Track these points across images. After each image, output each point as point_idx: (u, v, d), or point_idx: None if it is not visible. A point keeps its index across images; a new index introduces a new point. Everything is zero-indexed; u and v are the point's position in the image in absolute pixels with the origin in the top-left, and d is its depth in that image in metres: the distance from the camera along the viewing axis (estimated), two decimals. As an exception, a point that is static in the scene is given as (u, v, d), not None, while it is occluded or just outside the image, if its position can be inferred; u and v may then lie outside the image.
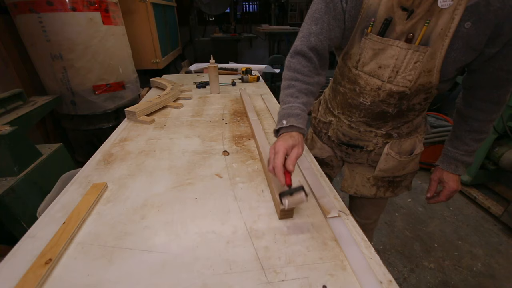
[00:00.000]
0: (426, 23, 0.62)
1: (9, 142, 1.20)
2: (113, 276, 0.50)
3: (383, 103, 0.77)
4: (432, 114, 2.59)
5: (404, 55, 0.67)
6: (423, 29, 0.63)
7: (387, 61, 0.70)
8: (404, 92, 0.72)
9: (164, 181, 0.78)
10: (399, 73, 0.70)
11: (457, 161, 0.82)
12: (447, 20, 0.60)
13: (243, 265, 0.52)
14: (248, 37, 4.12)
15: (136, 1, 2.42)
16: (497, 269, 1.59)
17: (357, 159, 0.95)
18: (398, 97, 0.74)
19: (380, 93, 0.75)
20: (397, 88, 0.72)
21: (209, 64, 1.51)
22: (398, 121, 0.83)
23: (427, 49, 0.64)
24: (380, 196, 0.96)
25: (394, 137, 0.86)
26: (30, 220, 1.21)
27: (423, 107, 0.80)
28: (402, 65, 0.68)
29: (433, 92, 0.74)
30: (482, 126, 0.77)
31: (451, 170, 0.83)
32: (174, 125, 1.16)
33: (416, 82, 0.69)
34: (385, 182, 0.94)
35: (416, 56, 0.66)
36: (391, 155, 0.86)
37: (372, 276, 0.49)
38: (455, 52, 0.63)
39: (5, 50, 1.78)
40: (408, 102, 0.76)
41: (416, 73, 0.68)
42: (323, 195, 0.70)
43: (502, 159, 2.00)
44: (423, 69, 0.67)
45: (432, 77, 0.68)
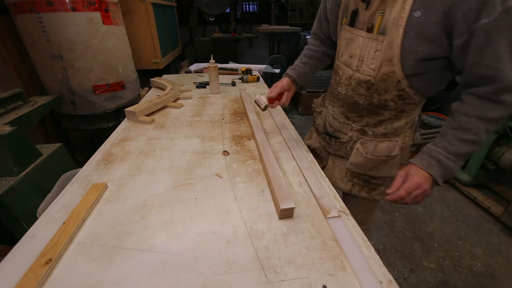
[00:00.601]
0: (380, 13, 0.66)
1: (9, 142, 1.20)
2: (113, 276, 0.50)
3: (354, 93, 0.82)
4: (432, 114, 2.59)
5: (367, 44, 0.72)
6: (378, 19, 0.67)
7: (355, 50, 0.76)
8: (370, 81, 0.75)
9: (164, 181, 0.78)
10: (364, 61, 0.74)
11: (431, 157, 0.69)
12: (399, 10, 0.63)
13: (243, 265, 0.52)
14: (248, 37, 4.12)
15: (136, 1, 2.42)
16: (497, 269, 1.59)
17: (336, 150, 0.98)
18: (366, 87, 0.77)
19: (352, 81, 0.81)
20: (364, 77, 0.76)
21: (209, 64, 1.51)
22: (373, 118, 0.83)
23: (384, 38, 0.67)
24: (355, 194, 0.96)
25: (369, 135, 0.87)
26: (30, 220, 1.21)
27: (400, 107, 0.78)
28: (365, 54, 0.73)
29: (408, 91, 0.73)
30: (471, 123, 0.65)
31: (421, 165, 0.70)
32: (174, 125, 1.16)
33: (380, 71, 0.72)
34: (360, 180, 0.94)
35: (375, 45, 0.70)
36: (359, 150, 0.87)
37: (372, 276, 0.49)
38: (410, 41, 0.64)
39: (5, 50, 1.78)
40: (379, 96, 0.77)
41: (378, 62, 0.71)
42: (323, 195, 0.70)
43: (502, 159, 2.00)
44: (384, 58, 0.70)
45: (394, 67, 0.69)
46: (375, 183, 0.92)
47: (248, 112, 1.20)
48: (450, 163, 0.67)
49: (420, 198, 0.70)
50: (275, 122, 1.18)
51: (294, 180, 0.78)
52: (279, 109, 1.34)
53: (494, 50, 0.57)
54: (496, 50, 0.57)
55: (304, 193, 0.73)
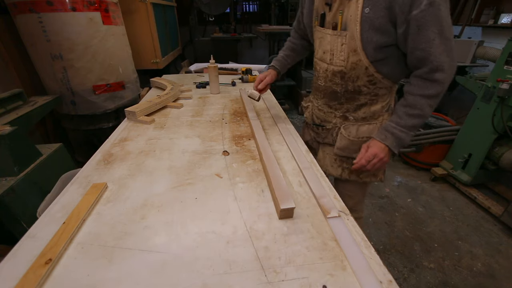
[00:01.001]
0: (340, 13, 0.81)
1: (9, 142, 1.20)
2: (113, 276, 0.50)
3: (332, 83, 0.94)
4: (432, 114, 2.59)
5: (334, 40, 0.85)
6: (339, 18, 0.81)
7: (326, 46, 0.89)
8: (342, 71, 0.88)
9: (164, 181, 0.78)
10: (335, 55, 0.87)
11: (387, 131, 0.85)
12: (354, 9, 0.76)
13: (243, 265, 0.52)
14: (248, 37, 4.11)
15: (136, 1, 2.42)
16: (497, 269, 1.59)
17: (324, 139, 1.08)
18: (340, 76, 0.90)
19: (328, 74, 0.93)
20: (337, 68, 0.89)
21: (209, 64, 1.51)
22: (352, 103, 0.95)
23: (346, 33, 0.81)
24: (345, 178, 1.05)
25: (350, 120, 0.98)
26: (30, 220, 1.21)
27: (372, 91, 0.90)
28: (334, 48, 0.86)
29: (376, 76, 0.85)
30: (415, 101, 0.79)
31: (379, 138, 0.86)
32: (174, 125, 1.16)
33: (348, 60, 0.85)
34: (349, 164, 1.02)
35: (341, 40, 0.83)
36: (343, 134, 0.98)
37: (372, 276, 0.49)
38: (366, 33, 0.77)
39: (5, 50, 1.78)
40: (353, 83, 0.89)
41: (346, 53, 0.84)
42: (323, 195, 0.70)
43: (502, 159, 2.00)
44: (350, 50, 0.83)
45: (359, 56, 0.82)
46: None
47: (248, 112, 1.20)
48: (402, 135, 0.83)
49: (378, 165, 0.86)
50: (275, 122, 1.18)
51: (294, 180, 0.78)
52: (279, 109, 1.34)
53: (425, 36, 0.70)
54: (426, 36, 0.70)
55: (304, 193, 0.73)
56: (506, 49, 1.87)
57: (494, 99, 1.93)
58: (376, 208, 2.10)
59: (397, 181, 2.45)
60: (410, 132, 0.83)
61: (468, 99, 2.83)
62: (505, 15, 2.55)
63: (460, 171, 2.27)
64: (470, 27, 2.91)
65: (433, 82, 0.75)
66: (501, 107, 1.87)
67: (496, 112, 1.92)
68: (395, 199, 2.20)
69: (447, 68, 0.73)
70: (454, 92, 2.95)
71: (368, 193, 2.28)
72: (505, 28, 2.56)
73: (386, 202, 2.17)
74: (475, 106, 2.12)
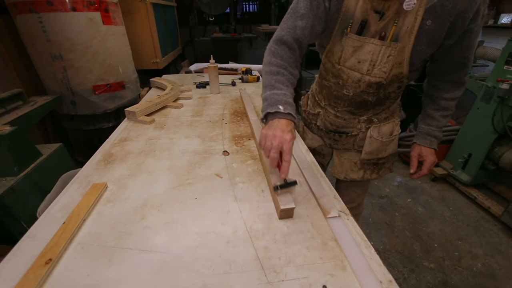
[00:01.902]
0: (395, 23, 0.74)
1: (9, 142, 1.20)
2: (113, 276, 0.50)
3: (363, 93, 0.89)
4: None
5: (379, 51, 0.79)
6: (392, 28, 0.75)
7: (365, 56, 0.81)
8: (380, 83, 0.84)
9: (164, 181, 0.78)
10: (376, 66, 0.81)
11: (430, 136, 0.96)
12: (412, 20, 0.72)
13: (243, 265, 0.52)
14: (248, 37, 4.11)
15: (136, 1, 2.42)
16: (497, 269, 1.59)
17: (344, 145, 1.07)
18: (376, 87, 0.86)
19: (361, 84, 0.87)
20: (374, 79, 0.84)
21: (209, 64, 1.51)
22: (378, 108, 0.96)
23: (397, 45, 0.76)
24: (367, 178, 1.08)
25: (375, 122, 0.99)
26: (30, 220, 1.21)
27: (397, 94, 0.94)
28: (377, 59, 0.80)
29: (405, 81, 0.87)
30: (448, 104, 0.91)
31: (427, 145, 0.96)
32: (174, 125, 1.16)
33: (390, 73, 0.81)
34: (370, 165, 1.06)
35: (389, 51, 0.78)
36: (374, 137, 0.99)
37: (372, 276, 0.49)
38: (420, 46, 0.75)
39: (5, 50, 1.78)
40: (385, 91, 0.89)
41: (390, 65, 0.80)
42: (323, 195, 0.70)
43: (502, 159, 2.00)
44: (395, 62, 0.79)
45: (403, 68, 0.80)
46: (382, 163, 1.07)
47: (248, 112, 1.20)
48: (441, 134, 0.97)
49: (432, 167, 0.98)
50: (275, 122, 1.18)
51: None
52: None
53: (472, 46, 0.76)
54: (473, 45, 0.76)
55: (304, 193, 0.73)
56: (506, 49, 1.87)
57: (494, 99, 1.93)
58: (376, 208, 2.10)
59: (397, 181, 2.45)
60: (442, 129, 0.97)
61: (468, 99, 2.83)
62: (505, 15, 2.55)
63: (460, 171, 2.27)
64: (470, 27, 2.91)
65: (463, 84, 0.87)
66: (501, 107, 1.87)
67: (496, 112, 1.92)
68: (395, 199, 2.20)
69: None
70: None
71: (368, 193, 2.28)
72: (505, 28, 2.56)
73: (386, 202, 2.17)
74: (475, 106, 2.12)
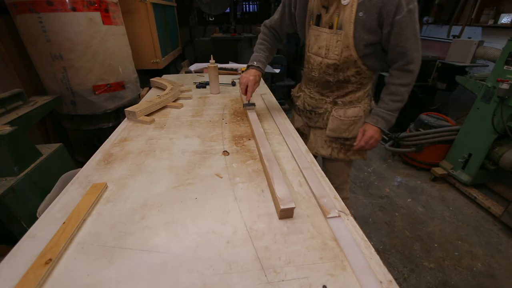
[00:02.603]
0: (337, 15, 0.95)
1: (9, 142, 1.20)
2: (113, 276, 0.50)
3: (325, 74, 1.09)
4: (432, 114, 2.59)
5: (330, 38, 1.00)
6: (336, 19, 0.96)
7: (322, 42, 1.04)
8: (336, 64, 1.04)
9: (164, 181, 0.78)
10: (330, 50, 1.02)
11: (377, 116, 1.05)
12: (349, 12, 0.92)
13: (243, 265, 0.52)
14: (248, 37, 4.12)
15: (136, 1, 2.42)
16: (497, 269, 1.59)
17: (316, 123, 1.23)
18: (333, 68, 1.05)
19: (322, 66, 1.08)
20: (331, 61, 1.04)
21: (209, 64, 1.51)
22: (341, 91, 1.12)
23: (342, 32, 0.96)
24: (334, 157, 1.22)
25: (339, 104, 1.14)
26: (30, 220, 1.21)
27: (359, 80, 1.07)
28: (330, 44, 1.01)
29: (362, 67, 1.02)
30: (397, 89, 1.00)
31: (372, 123, 1.06)
32: (174, 125, 1.16)
33: (342, 55, 1.00)
34: (337, 144, 1.20)
35: (336, 37, 0.98)
36: (334, 116, 1.15)
37: (372, 276, 0.49)
38: (358, 33, 0.93)
39: (5, 50, 1.78)
40: (344, 73, 1.06)
41: (340, 49, 0.99)
42: (323, 195, 0.70)
43: (502, 159, 2.00)
44: (343, 46, 0.98)
45: (351, 51, 0.98)
46: (349, 145, 1.18)
47: (248, 112, 1.20)
48: (389, 117, 1.04)
49: (375, 144, 1.08)
50: (275, 122, 1.18)
51: (294, 180, 0.78)
52: (279, 108, 1.34)
53: (404, 36, 0.89)
54: (406, 36, 0.89)
55: (304, 193, 0.73)
56: (506, 49, 1.87)
57: (494, 99, 1.93)
58: (376, 208, 2.10)
59: (397, 181, 2.45)
60: (394, 114, 1.04)
61: (468, 99, 2.83)
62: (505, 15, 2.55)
63: (460, 171, 2.27)
64: (470, 27, 2.91)
65: (408, 72, 0.96)
66: (501, 107, 1.87)
67: (496, 112, 1.92)
68: (395, 199, 2.20)
69: (417, 61, 0.94)
70: (454, 92, 2.95)
71: (368, 193, 2.28)
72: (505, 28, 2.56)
73: (386, 202, 2.17)
74: (475, 106, 2.12)
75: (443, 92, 2.94)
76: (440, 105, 3.08)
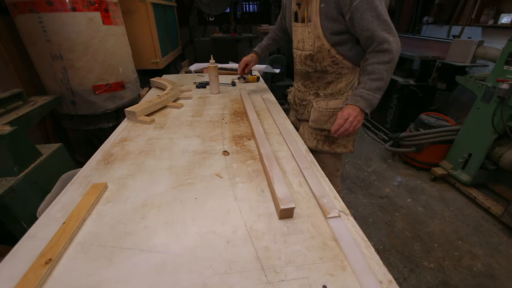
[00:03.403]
0: (306, 8, 1.04)
1: (9, 142, 1.20)
2: (113, 276, 0.50)
3: (305, 66, 1.17)
4: (432, 114, 2.59)
5: (303, 31, 1.09)
6: (305, 13, 1.05)
7: (299, 36, 1.13)
8: (311, 54, 1.11)
9: (164, 181, 0.78)
10: (305, 42, 1.11)
11: (356, 96, 1.00)
12: (314, 5, 1.00)
13: (243, 265, 0.52)
14: (248, 37, 4.11)
15: (136, 1, 2.42)
16: (497, 269, 1.59)
17: (302, 115, 1.30)
18: (310, 58, 1.13)
19: (302, 58, 1.16)
20: (307, 52, 1.12)
21: (209, 64, 1.51)
22: (321, 81, 1.17)
23: (311, 24, 1.04)
24: (319, 149, 1.25)
25: (321, 96, 1.19)
26: (30, 220, 1.21)
27: (336, 70, 1.11)
28: (305, 36, 1.10)
29: (337, 57, 1.07)
30: (374, 68, 0.97)
31: (351, 102, 1.00)
32: (174, 125, 1.16)
33: (314, 45, 1.08)
34: (321, 136, 1.23)
35: (308, 29, 1.06)
36: (314, 107, 1.19)
37: (372, 276, 0.49)
38: (323, 22, 1.01)
39: (5, 50, 1.78)
40: (320, 64, 1.11)
41: (312, 40, 1.07)
42: (323, 195, 0.70)
43: (502, 159, 2.00)
44: (315, 36, 1.06)
45: (322, 41, 1.05)
46: (333, 138, 1.20)
47: (248, 112, 1.20)
48: (369, 96, 0.97)
49: (355, 122, 0.97)
50: (275, 122, 1.18)
51: (294, 180, 0.78)
52: (278, 108, 1.34)
53: (366, 19, 0.91)
54: (367, 19, 0.91)
55: (304, 193, 0.73)
56: (506, 49, 1.87)
57: (494, 99, 1.93)
58: (376, 208, 2.10)
59: (397, 181, 2.45)
60: (376, 94, 0.97)
61: (468, 99, 2.83)
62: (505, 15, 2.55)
63: (460, 171, 2.27)
64: (470, 27, 2.90)
65: (383, 51, 0.94)
66: (501, 107, 1.87)
67: (496, 112, 1.92)
68: (395, 199, 2.20)
69: (389, 41, 0.93)
70: (454, 92, 2.95)
71: (368, 193, 2.28)
72: (505, 28, 2.56)
73: (386, 202, 2.17)
74: (475, 106, 2.12)
75: (443, 92, 2.93)
76: (440, 105, 3.08)
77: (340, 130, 0.98)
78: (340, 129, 0.97)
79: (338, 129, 0.98)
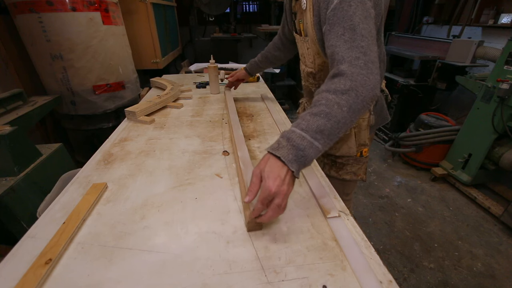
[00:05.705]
0: (300, 21, 0.87)
1: (9, 142, 1.20)
2: (113, 276, 0.50)
3: (308, 83, 1.02)
4: (432, 114, 2.59)
5: (302, 44, 0.93)
6: (301, 25, 0.88)
7: (300, 50, 0.97)
8: (312, 72, 0.95)
9: (164, 181, 0.78)
10: (306, 58, 0.95)
11: (282, 137, 0.57)
12: (309, 17, 0.80)
13: (243, 265, 0.52)
14: (248, 37, 4.11)
15: (136, 1, 2.42)
16: (497, 269, 1.59)
17: None
18: (312, 77, 0.97)
19: (304, 74, 1.02)
20: (308, 69, 0.97)
21: (209, 64, 1.51)
22: None
23: (308, 38, 0.86)
24: (326, 173, 1.05)
25: None
26: (30, 220, 1.21)
27: None
28: (304, 52, 0.94)
29: None
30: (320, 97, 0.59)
31: (271, 149, 0.56)
32: (174, 125, 1.16)
33: (315, 63, 0.91)
34: (329, 160, 1.09)
35: (306, 44, 0.89)
36: None
37: (372, 276, 0.49)
38: (319, 35, 0.79)
39: (5, 50, 1.78)
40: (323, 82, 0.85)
41: (312, 56, 0.90)
42: (323, 195, 0.70)
43: (502, 159, 2.00)
44: (314, 53, 0.88)
45: (323, 58, 0.86)
46: (340, 163, 1.06)
47: (231, 114, 1.16)
48: (303, 142, 0.54)
49: (283, 204, 0.53)
50: (275, 121, 1.18)
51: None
52: (278, 108, 1.34)
53: (335, 32, 0.65)
54: (336, 31, 0.65)
55: (304, 193, 0.73)
56: (506, 49, 1.87)
57: (494, 99, 1.93)
58: (376, 208, 2.10)
59: (397, 181, 2.45)
60: (315, 141, 0.54)
61: (468, 99, 2.83)
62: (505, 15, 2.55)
63: (460, 171, 2.27)
64: (470, 27, 2.90)
65: (339, 75, 0.60)
66: (501, 107, 1.87)
67: (496, 112, 1.92)
68: (395, 199, 2.20)
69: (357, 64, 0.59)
70: (454, 92, 2.95)
71: (368, 193, 2.28)
72: (505, 28, 2.55)
73: (386, 202, 2.17)
74: (475, 106, 2.12)
75: (443, 92, 2.94)
76: (440, 105, 3.08)
77: (254, 215, 0.55)
78: (255, 214, 0.55)
79: (255, 215, 0.55)
